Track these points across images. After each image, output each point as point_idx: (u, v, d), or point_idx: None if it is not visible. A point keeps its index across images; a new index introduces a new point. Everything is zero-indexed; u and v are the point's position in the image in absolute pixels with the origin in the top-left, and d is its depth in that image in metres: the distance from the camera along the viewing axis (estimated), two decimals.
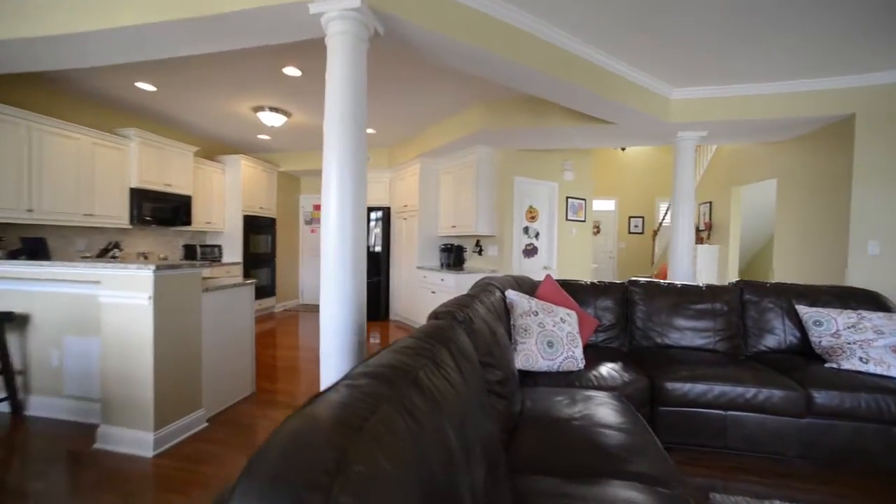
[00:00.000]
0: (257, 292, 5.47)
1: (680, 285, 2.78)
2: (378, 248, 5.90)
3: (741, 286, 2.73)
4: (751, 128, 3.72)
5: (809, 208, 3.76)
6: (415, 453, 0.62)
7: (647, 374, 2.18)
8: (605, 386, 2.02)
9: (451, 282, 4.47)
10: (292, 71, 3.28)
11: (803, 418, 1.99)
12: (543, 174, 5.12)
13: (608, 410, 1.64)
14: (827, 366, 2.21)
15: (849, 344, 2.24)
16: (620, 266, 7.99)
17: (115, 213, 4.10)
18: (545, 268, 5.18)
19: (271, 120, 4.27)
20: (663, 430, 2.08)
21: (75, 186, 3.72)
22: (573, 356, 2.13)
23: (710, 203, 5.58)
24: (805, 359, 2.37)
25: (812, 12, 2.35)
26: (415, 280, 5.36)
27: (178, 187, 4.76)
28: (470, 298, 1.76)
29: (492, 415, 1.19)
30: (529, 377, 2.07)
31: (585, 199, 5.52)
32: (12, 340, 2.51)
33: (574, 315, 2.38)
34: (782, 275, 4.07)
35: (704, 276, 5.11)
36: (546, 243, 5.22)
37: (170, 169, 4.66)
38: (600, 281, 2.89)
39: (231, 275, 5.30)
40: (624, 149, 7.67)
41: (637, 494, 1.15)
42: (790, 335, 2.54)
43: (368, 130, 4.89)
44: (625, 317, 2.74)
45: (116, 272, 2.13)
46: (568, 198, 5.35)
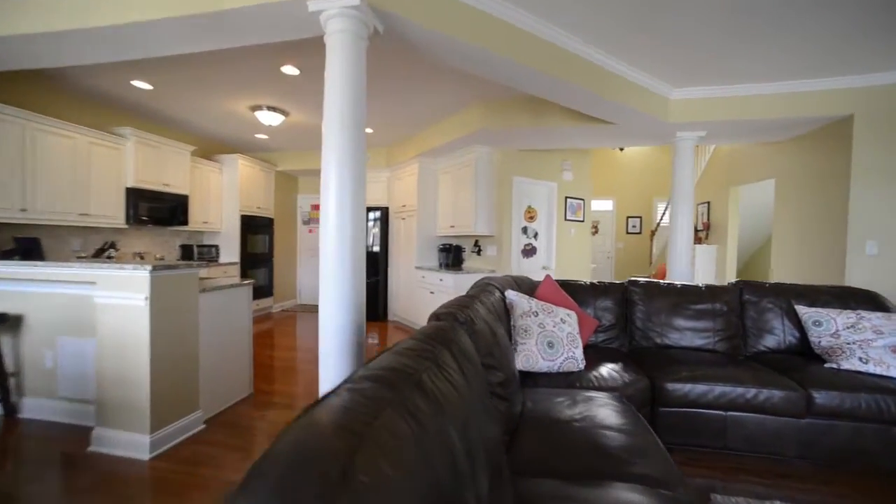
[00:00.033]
0: (255, 292, 5.44)
1: (679, 285, 2.78)
2: (376, 248, 5.88)
3: (740, 286, 2.73)
4: (749, 128, 3.73)
5: (808, 208, 3.77)
6: (419, 459, 0.61)
7: (648, 374, 2.18)
8: (605, 387, 2.02)
9: (450, 282, 4.46)
10: (290, 70, 3.25)
11: (803, 418, 1.99)
12: (542, 174, 5.11)
13: (609, 411, 1.63)
14: (827, 366, 2.21)
15: (848, 344, 2.24)
16: (618, 266, 8.01)
17: (111, 212, 4.07)
18: (544, 268, 5.17)
19: (269, 119, 4.25)
20: (664, 431, 2.08)
21: (70, 186, 3.68)
22: (573, 357, 2.12)
23: (708, 203, 5.59)
24: (804, 359, 2.37)
25: (811, 12, 2.36)
26: (413, 280, 5.34)
27: (174, 187, 4.72)
28: (470, 299, 1.75)
29: (493, 416, 1.18)
30: (530, 378, 2.06)
31: (584, 199, 5.51)
32: (5, 341, 2.48)
33: (574, 315, 2.37)
34: (780, 275, 4.08)
35: (702, 276, 5.12)
36: (545, 243, 5.21)
37: (166, 168, 4.62)
38: (600, 281, 2.88)
39: (228, 275, 5.26)
40: (622, 149, 7.68)
41: (640, 497, 1.14)
42: (789, 335, 2.54)
43: (367, 130, 4.87)
44: (624, 317, 2.74)
45: (112, 273, 2.11)
46: (567, 198, 5.35)
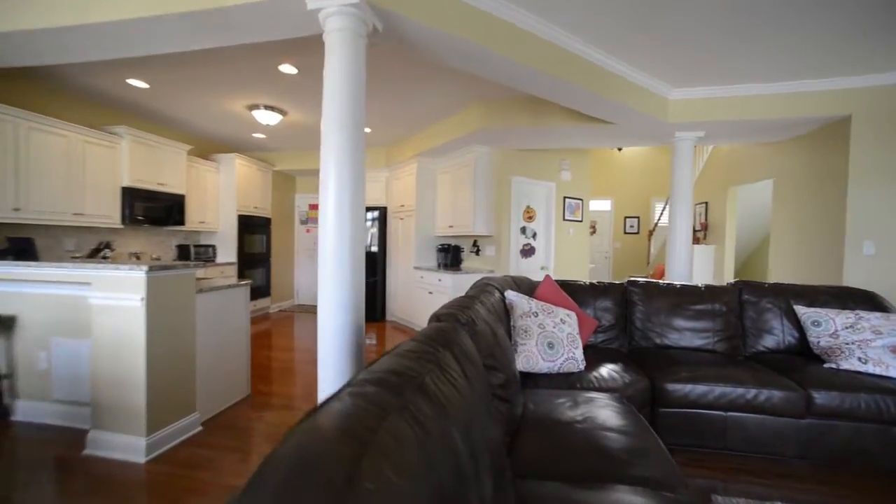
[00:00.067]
0: (252, 293, 5.37)
1: (679, 286, 2.78)
2: (374, 248, 5.86)
3: (739, 286, 2.73)
4: (748, 128, 3.73)
5: (806, 208, 3.78)
6: (423, 464, 0.59)
7: (648, 375, 2.17)
8: (605, 387, 2.01)
9: (449, 282, 4.44)
10: (288, 69, 3.23)
11: (803, 419, 1.99)
12: (541, 174, 5.11)
13: (610, 413, 1.63)
14: (826, 366, 2.21)
15: (847, 344, 2.24)
16: (616, 266, 8.02)
17: (106, 212, 4.02)
18: (542, 268, 5.17)
19: (266, 118, 4.22)
20: (664, 432, 2.07)
21: (65, 185, 3.64)
22: (574, 357, 2.11)
23: (707, 203, 5.61)
24: (804, 359, 2.37)
25: (811, 12, 2.36)
26: (411, 280, 5.32)
27: (171, 186, 4.68)
28: (470, 300, 1.74)
29: (495, 418, 1.17)
30: (530, 379, 2.05)
31: (582, 200, 5.51)
32: None
33: (574, 316, 2.36)
34: (778, 275, 4.09)
35: (700, 276, 5.13)
36: (543, 243, 5.21)
37: (163, 168, 4.58)
38: (599, 281, 2.87)
39: (225, 275, 5.22)
40: (620, 149, 7.70)
41: (642, 500, 1.13)
42: (788, 335, 2.54)
43: (365, 129, 4.84)
44: (624, 317, 2.73)
45: (108, 273, 2.08)
46: (565, 198, 5.34)
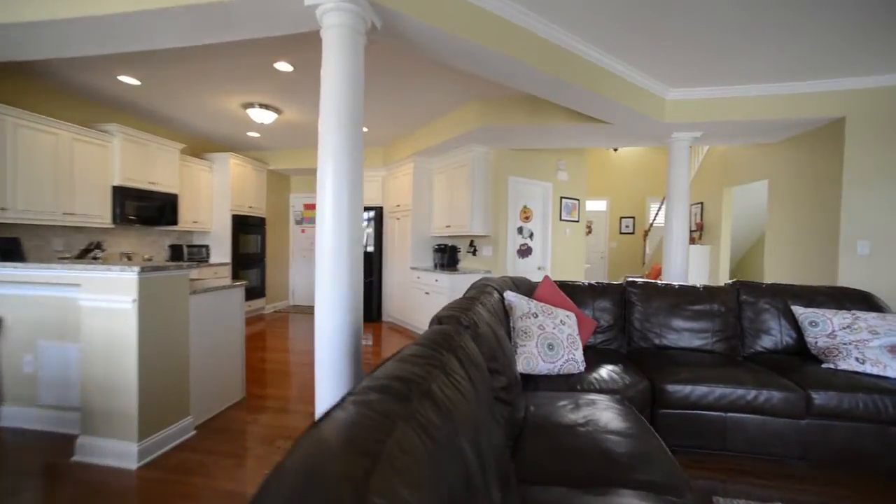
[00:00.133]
0: (247, 293, 5.32)
1: (677, 286, 2.78)
2: (370, 248, 5.82)
3: (738, 287, 2.73)
4: (744, 129, 3.75)
5: (800, 209, 3.81)
6: (433, 475, 0.57)
7: (648, 376, 2.16)
8: (606, 389, 2.00)
9: (446, 282, 4.42)
10: (284, 66, 3.18)
11: (803, 419, 1.99)
12: (538, 174, 5.10)
13: (613, 415, 1.61)
14: (824, 366, 2.22)
15: (845, 344, 2.25)
16: (612, 266, 8.04)
17: (96, 211, 3.94)
18: (539, 268, 5.16)
19: (261, 117, 4.16)
20: (664, 433, 2.06)
21: (54, 184, 3.56)
22: (574, 359, 2.09)
23: (702, 203, 5.63)
24: (802, 359, 2.38)
25: (812, 12, 2.36)
26: (408, 281, 5.29)
27: (163, 185, 4.60)
28: (471, 301, 1.71)
29: (499, 423, 1.14)
30: (530, 381, 2.03)
31: (579, 200, 5.52)
32: None
33: (573, 317, 2.35)
34: (773, 275, 4.12)
35: (695, 276, 5.15)
36: (540, 243, 5.20)
37: (155, 166, 4.50)
38: (598, 282, 2.86)
39: (219, 276, 5.15)
40: (616, 149, 7.72)
41: None
42: (786, 336, 2.55)
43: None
44: (623, 318, 2.72)
45: (98, 274, 2.03)
46: (562, 198, 5.34)
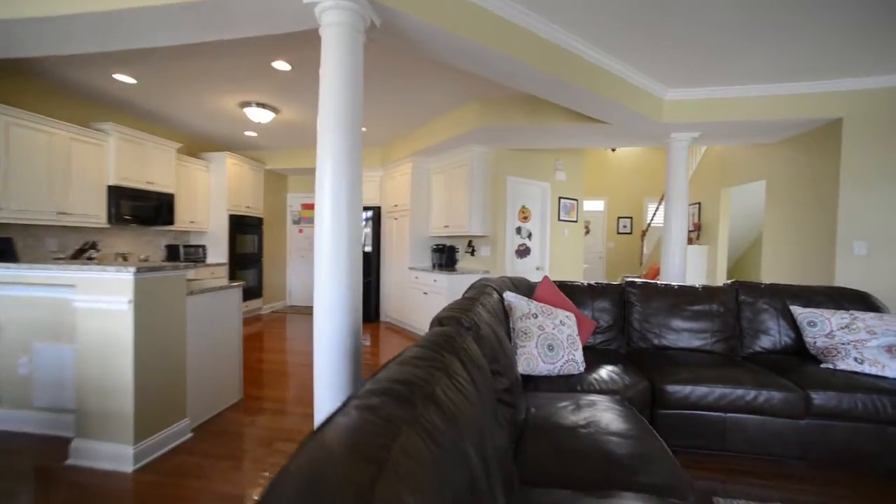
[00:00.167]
0: (244, 294, 5.29)
1: (676, 286, 2.78)
2: (368, 249, 5.80)
3: (736, 287, 2.74)
4: (742, 129, 3.76)
5: (798, 209, 3.83)
6: (438, 481, 0.55)
7: (647, 376, 2.15)
8: (606, 389, 1.99)
9: (445, 283, 4.40)
10: (282, 65, 3.16)
11: (802, 419, 1.99)
12: (536, 174, 5.10)
13: (614, 416, 1.60)
14: (823, 366, 2.22)
15: (843, 344, 2.26)
16: (609, 266, 8.05)
17: (91, 211, 3.90)
18: (538, 268, 5.16)
19: (258, 116, 4.13)
20: (663, 434, 2.05)
21: (48, 183, 3.52)
22: (574, 359, 2.09)
23: (699, 204, 5.65)
24: (800, 359, 2.38)
25: (812, 11, 2.36)
26: (406, 281, 5.27)
27: (159, 185, 4.56)
28: (471, 302, 1.70)
29: (502, 425, 1.13)
30: (530, 381, 2.02)
31: (577, 200, 5.52)
32: None
33: (573, 317, 2.34)
34: (771, 275, 4.13)
35: (693, 276, 5.16)
36: (539, 244, 5.19)
37: (151, 166, 4.46)
38: (597, 282, 2.86)
39: (216, 276, 5.11)
40: (614, 149, 7.74)
41: None
42: (785, 336, 2.55)
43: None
44: (622, 318, 2.72)
45: (93, 275, 2.00)
46: (560, 198, 5.34)
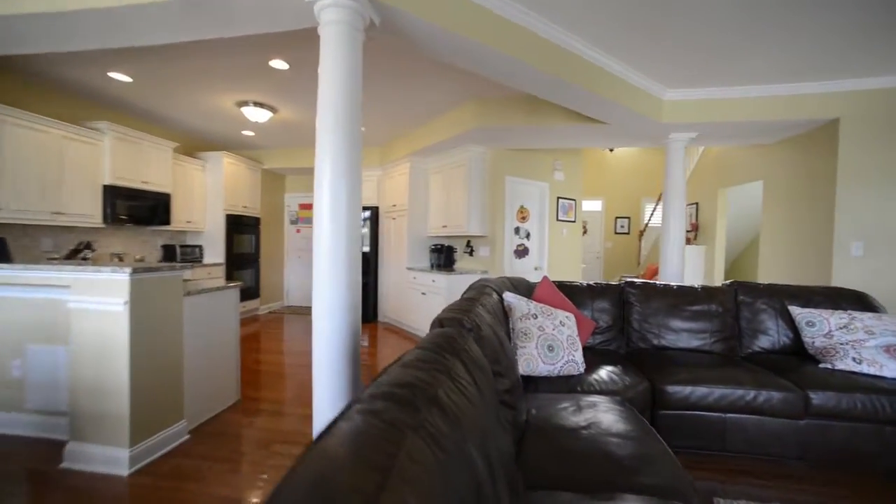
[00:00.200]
0: (241, 294, 5.26)
1: (675, 287, 2.78)
2: (366, 249, 5.77)
3: (735, 287, 2.74)
4: (740, 130, 3.77)
5: (795, 210, 3.84)
6: (444, 488, 0.54)
7: (647, 377, 2.15)
8: (606, 390, 1.99)
9: (443, 283, 4.39)
10: (279, 64, 3.14)
11: (802, 420, 1.99)
12: (534, 174, 5.09)
13: (615, 417, 1.59)
14: (821, 366, 2.23)
15: (841, 344, 2.26)
16: (607, 266, 8.07)
17: (86, 211, 3.86)
18: (536, 268, 5.15)
19: (256, 115, 4.11)
20: (664, 434, 2.04)
21: (42, 182, 3.48)
22: (574, 360, 2.08)
23: (697, 204, 5.67)
24: (799, 359, 2.38)
25: (813, 11, 2.36)
26: (404, 281, 5.25)
27: (155, 185, 4.52)
28: (471, 303, 1.69)
29: (505, 428, 1.12)
30: (530, 382, 2.01)
31: (575, 200, 5.52)
32: None
33: (573, 318, 2.33)
34: (768, 275, 4.15)
35: (691, 276, 5.17)
36: (537, 244, 5.19)
37: (147, 165, 4.42)
38: (596, 282, 2.86)
39: (212, 276, 5.08)
40: (612, 150, 7.75)
41: None
42: (783, 336, 2.56)
43: None
44: (621, 318, 2.72)
45: (88, 276, 1.97)
46: (558, 198, 5.34)
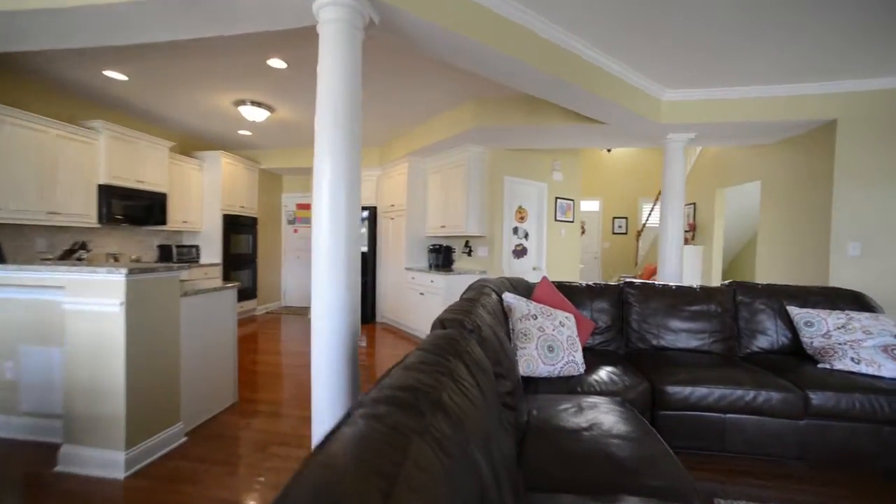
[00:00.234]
0: (238, 294, 5.22)
1: (674, 287, 2.78)
2: (364, 249, 5.76)
3: (734, 287, 2.74)
4: (738, 130, 3.78)
5: (792, 210, 3.86)
6: (450, 493, 0.53)
7: (647, 377, 2.15)
8: (607, 391, 1.98)
9: (442, 283, 4.38)
10: (277, 63, 3.12)
11: (801, 420, 1.99)
12: (533, 174, 5.09)
13: (616, 418, 1.59)
14: (820, 366, 2.23)
15: (840, 344, 2.27)
16: (605, 266, 8.08)
17: (81, 210, 3.82)
18: (535, 269, 5.15)
19: (253, 115, 4.08)
20: (664, 435, 2.02)
21: (36, 181, 3.44)
22: (574, 361, 2.08)
23: (694, 204, 5.68)
24: (798, 359, 2.39)
25: (812, 12, 2.37)
26: (402, 281, 5.24)
27: (151, 184, 4.48)
28: (472, 303, 1.68)
29: (507, 430, 1.11)
30: (530, 383, 2.01)
31: (574, 200, 5.52)
32: None
33: (572, 318, 2.33)
34: (766, 275, 4.16)
35: (689, 276, 5.19)
36: (535, 244, 5.19)
37: (143, 165, 4.39)
38: (596, 283, 2.85)
39: (209, 276, 5.04)
40: (610, 150, 7.76)
41: None
42: (782, 336, 2.56)
43: None
44: (621, 319, 2.72)
45: (83, 276, 1.94)
46: (557, 198, 5.34)
